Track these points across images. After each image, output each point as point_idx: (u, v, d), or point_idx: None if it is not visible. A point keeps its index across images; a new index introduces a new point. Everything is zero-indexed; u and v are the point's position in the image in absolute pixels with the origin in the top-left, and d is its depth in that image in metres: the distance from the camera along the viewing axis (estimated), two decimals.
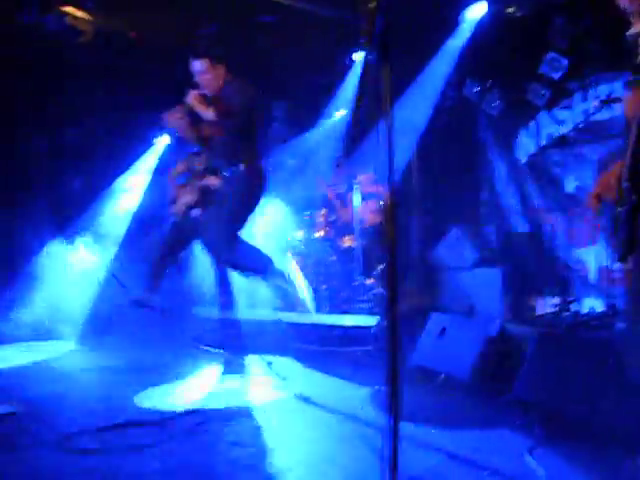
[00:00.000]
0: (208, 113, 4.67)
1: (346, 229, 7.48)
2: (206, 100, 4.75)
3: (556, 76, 6.36)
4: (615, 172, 2.68)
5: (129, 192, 9.23)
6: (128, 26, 6.64)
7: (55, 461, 3.27)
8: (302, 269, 7.10)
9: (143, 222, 8.56)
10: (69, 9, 5.95)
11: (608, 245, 5.71)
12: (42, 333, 7.14)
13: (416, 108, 7.22)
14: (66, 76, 7.14)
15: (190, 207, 4.94)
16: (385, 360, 5.39)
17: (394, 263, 1.74)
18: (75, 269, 8.06)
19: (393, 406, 1.84)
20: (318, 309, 6.83)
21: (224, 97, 4.74)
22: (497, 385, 4.11)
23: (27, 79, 6.98)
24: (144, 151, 9.49)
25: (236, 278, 5.69)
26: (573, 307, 5.90)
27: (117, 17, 6.40)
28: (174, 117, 4.80)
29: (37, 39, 6.07)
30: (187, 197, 4.94)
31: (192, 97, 4.72)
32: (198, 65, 4.76)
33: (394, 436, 1.86)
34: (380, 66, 1.75)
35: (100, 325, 7.34)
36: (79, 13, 6.01)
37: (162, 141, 9.55)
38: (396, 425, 1.86)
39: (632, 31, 2.55)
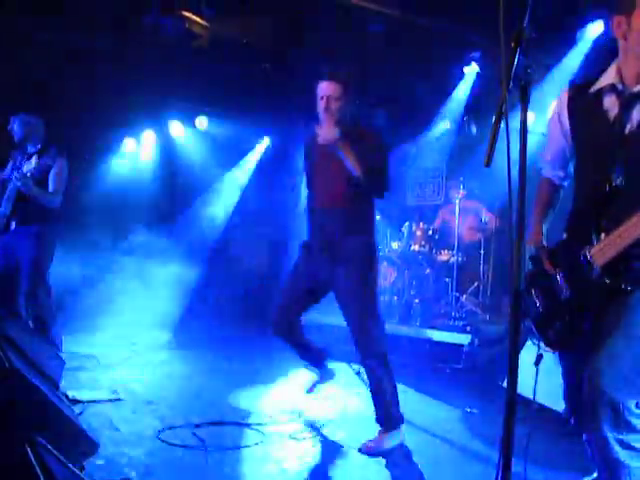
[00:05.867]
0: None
1: (443, 243, 7.39)
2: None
3: None
4: None
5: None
6: (242, 32, 6.78)
7: (151, 451, 3.38)
8: (396, 281, 7.09)
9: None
10: (188, 14, 6.15)
11: None
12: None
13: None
14: (179, 77, 7.39)
15: None
16: (476, 381, 5.26)
17: (519, 284, 1.68)
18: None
19: (506, 441, 1.76)
20: (410, 322, 6.79)
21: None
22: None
23: (141, 77, 7.24)
24: (246, 151, 9.76)
25: None
26: None
27: (232, 23, 6.55)
28: None
29: (155, 40, 6.31)
30: None
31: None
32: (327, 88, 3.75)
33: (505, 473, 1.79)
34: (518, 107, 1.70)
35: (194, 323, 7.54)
36: (197, 18, 6.21)
37: (264, 143, 9.79)
38: (508, 464, 1.78)
39: None
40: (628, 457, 2.24)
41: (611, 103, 2.35)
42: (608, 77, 2.37)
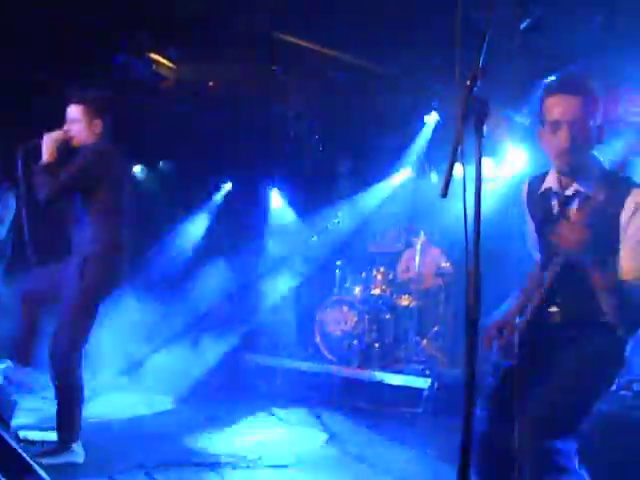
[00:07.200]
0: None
1: (403, 288, 7.46)
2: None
3: None
4: None
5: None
6: (208, 76, 6.90)
7: None
8: (356, 325, 7.09)
9: None
10: (156, 56, 6.23)
11: None
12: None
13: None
14: (145, 118, 7.44)
15: None
16: (436, 424, 5.26)
17: (474, 333, 1.72)
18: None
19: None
20: (370, 366, 6.78)
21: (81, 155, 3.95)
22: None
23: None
24: (209, 195, 9.79)
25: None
26: (636, 386, 5.65)
27: (198, 67, 6.66)
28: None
29: (124, 81, 6.35)
30: None
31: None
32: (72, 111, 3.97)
33: None
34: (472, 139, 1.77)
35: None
36: (164, 61, 6.29)
37: (226, 187, 9.83)
38: None
39: None
40: None
41: (553, 202, 2.60)
42: (550, 179, 2.63)
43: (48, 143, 3.81)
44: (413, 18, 5.48)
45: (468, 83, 1.77)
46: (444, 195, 1.66)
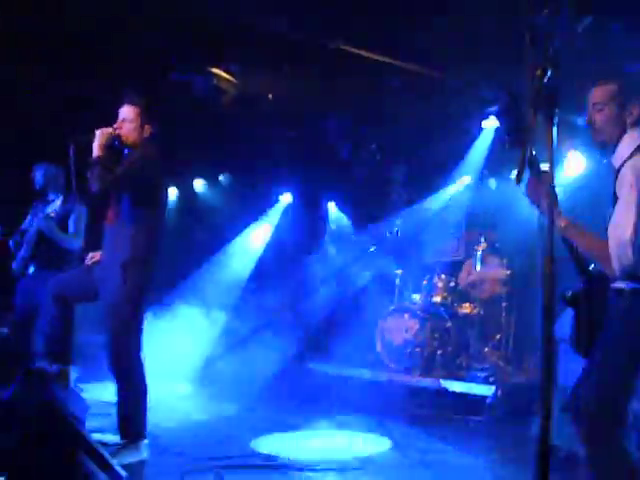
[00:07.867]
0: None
1: (465, 296, 7.40)
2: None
3: None
4: None
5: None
6: (267, 89, 7.01)
7: None
8: (418, 333, 7.05)
9: None
10: (216, 71, 6.37)
11: None
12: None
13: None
14: (205, 132, 7.61)
15: None
16: (500, 432, 5.18)
17: (550, 340, 1.73)
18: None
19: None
20: (432, 374, 6.74)
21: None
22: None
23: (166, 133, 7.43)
24: (269, 207, 9.92)
25: None
26: None
27: (258, 80, 6.77)
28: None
29: (185, 96, 6.51)
30: None
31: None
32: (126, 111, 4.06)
33: None
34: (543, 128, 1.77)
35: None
36: (225, 75, 6.42)
37: (286, 198, 9.93)
38: None
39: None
40: None
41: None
42: None
43: (100, 138, 3.91)
44: (475, 26, 5.45)
45: (538, 73, 1.78)
46: (518, 182, 1.67)
